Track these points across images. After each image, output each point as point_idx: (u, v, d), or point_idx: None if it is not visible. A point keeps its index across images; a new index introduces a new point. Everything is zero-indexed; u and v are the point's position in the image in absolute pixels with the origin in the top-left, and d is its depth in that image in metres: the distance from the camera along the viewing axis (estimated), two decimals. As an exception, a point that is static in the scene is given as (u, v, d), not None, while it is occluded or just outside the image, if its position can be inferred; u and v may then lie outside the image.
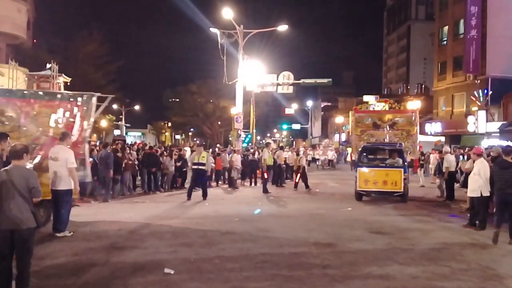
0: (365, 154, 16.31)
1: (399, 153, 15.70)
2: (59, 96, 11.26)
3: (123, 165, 15.91)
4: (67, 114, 10.28)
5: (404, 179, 14.70)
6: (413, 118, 18.05)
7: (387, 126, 17.80)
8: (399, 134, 17.56)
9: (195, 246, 8.34)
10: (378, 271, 6.92)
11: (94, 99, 10.63)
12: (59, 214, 8.99)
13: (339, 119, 65.04)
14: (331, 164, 40.57)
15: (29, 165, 6.01)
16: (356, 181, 15.34)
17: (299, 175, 19.88)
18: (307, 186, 19.47)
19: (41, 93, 11.83)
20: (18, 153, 5.69)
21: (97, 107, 11.04)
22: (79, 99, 10.53)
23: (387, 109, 18.37)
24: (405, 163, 15.32)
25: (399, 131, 17.67)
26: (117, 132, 59.16)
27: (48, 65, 23.15)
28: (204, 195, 15.36)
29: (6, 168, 5.65)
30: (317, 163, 40.79)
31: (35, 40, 32.43)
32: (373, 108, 18.83)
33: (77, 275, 6.48)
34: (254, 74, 27.09)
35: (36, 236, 8.42)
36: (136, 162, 17.07)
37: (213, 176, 21.10)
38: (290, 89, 29.32)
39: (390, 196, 15.34)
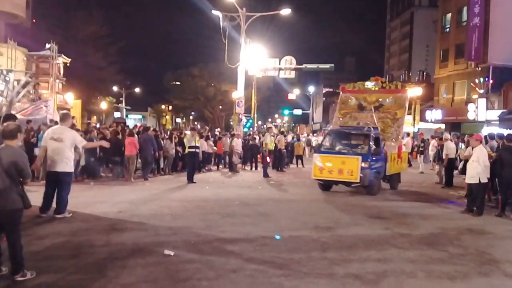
0: (328, 139, 15.00)
1: (366, 139, 13.80)
2: None
3: (123, 148, 15.87)
4: None
5: (365, 168, 12.81)
6: (404, 99, 15.55)
7: (372, 108, 15.41)
8: (384, 118, 15.13)
9: (195, 229, 8.34)
10: (376, 255, 6.94)
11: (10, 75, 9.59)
12: (60, 196, 8.90)
13: (340, 105, 64.71)
14: None
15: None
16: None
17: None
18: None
19: None
20: (12, 132, 5.58)
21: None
22: None
23: (377, 88, 15.96)
24: (371, 150, 13.25)
25: (384, 113, 15.22)
26: (117, 114, 58.93)
27: (47, 45, 22.85)
28: (192, 177, 15.37)
29: None
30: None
31: (34, 20, 32.05)
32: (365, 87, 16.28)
33: (76, 256, 6.47)
34: (256, 58, 26.92)
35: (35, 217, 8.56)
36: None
37: (214, 160, 21.16)
38: (292, 74, 29.20)
39: (348, 186, 13.66)
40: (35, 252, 6.48)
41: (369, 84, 16.05)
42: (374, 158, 13.25)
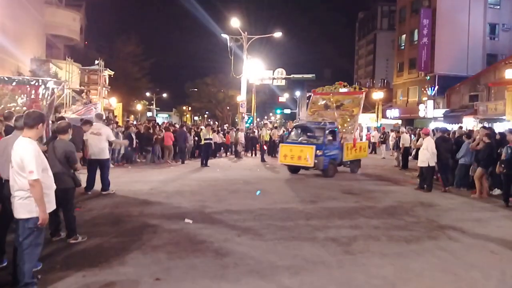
0: (293, 132, 14.33)
1: (322, 131, 13.13)
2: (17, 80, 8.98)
3: (154, 139, 15.79)
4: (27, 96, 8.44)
5: (319, 155, 12.35)
6: (360, 99, 14.77)
7: (335, 107, 14.86)
8: (344, 114, 14.53)
9: (208, 202, 8.28)
10: (349, 223, 6.89)
11: (50, 84, 8.73)
12: (104, 177, 8.83)
13: (320, 106, 64.77)
14: None
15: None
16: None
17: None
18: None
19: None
20: (64, 128, 5.53)
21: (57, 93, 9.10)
22: (36, 83, 8.64)
23: (340, 91, 15.37)
24: (325, 141, 12.67)
25: (344, 111, 14.59)
26: (149, 114, 58.88)
27: (96, 62, 23.00)
28: (207, 162, 15.31)
29: (53, 140, 5.53)
30: None
31: (86, 42, 32.01)
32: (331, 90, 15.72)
33: (117, 224, 6.44)
34: (255, 70, 26.84)
35: (88, 194, 8.49)
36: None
37: (223, 149, 21.04)
38: (283, 82, 29.27)
39: (306, 170, 13.30)
40: (86, 221, 6.45)
41: (336, 87, 15.55)
42: (328, 147, 12.72)
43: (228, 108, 59.65)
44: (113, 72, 24.26)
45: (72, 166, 5.44)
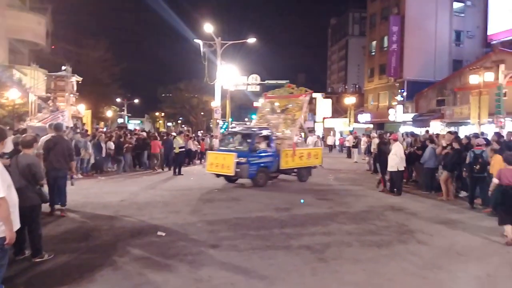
0: (225, 139, 13.33)
1: (248, 138, 12.17)
2: None
3: (124, 148, 15.49)
4: None
5: (242, 163, 11.46)
6: (303, 102, 13.79)
7: (279, 111, 14.07)
8: (287, 119, 13.59)
9: (182, 213, 8.18)
10: (322, 229, 6.97)
11: None
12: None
13: (294, 110, 65.53)
14: None
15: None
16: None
17: None
18: None
19: None
20: (29, 143, 5.40)
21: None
22: None
23: (288, 94, 14.51)
24: (251, 147, 11.73)
25: (288, 115, 13.69)
26: (120, 120, 57.70)
27: (63, 67, 22.37)
28: (180, 171, 15.05)
29: (17, 155, 5.37)
30: None
31: (53, 47, 31.13)
32: (280, 93, 14.92)
33: (87, 239, 6.24)
34: (229, 76, 26.83)
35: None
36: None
37: (198, 156, 20.87)
38: (257, 88, 29.32)
39: (232, 179, 12.48)
40: (53, 236, 6.23)
41: (286, 90, 14.67)
42: (256, 154, 11.81)
43: (202, 113, 59.39)
44: (81, 78, 23.65)
45: (37, 182, 5.27)
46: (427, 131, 15.59)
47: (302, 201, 9.65)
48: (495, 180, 6.58)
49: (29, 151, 5.36)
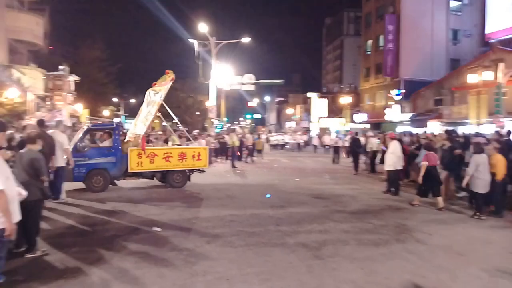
0: (87, 136, 10.40)
1: (109, 135, 10.55)
2: None
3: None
4: None
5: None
6: (160, 92, 10.94)
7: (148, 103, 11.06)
8: (150, 113, 10.77)
9: (177, 209, 8.20)
10: (318, 227, 6.97)
11: None
12: (56, 185, 8.25)
13: (289, 110, 65.54)
14: (299, 147, 33.31)
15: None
16: None
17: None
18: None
19: None
20: (34, 138, 5.44)
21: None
22: None
23: (163, 82, 11.38)
24: (77, 145, 9.83)
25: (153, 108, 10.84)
26: (116, 119, 57.70)
27: (61, 67, 22.42)
28: None
29: (21, 151, 5.39)
30: (287, 146, 34.88)
31: (51, 47, 31.21)
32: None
33: (84, 234, 6.27)
34: (224, 75, 26.81)
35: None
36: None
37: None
38: (252, 87, 29.29)
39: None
40: (50, 231, 6.27)
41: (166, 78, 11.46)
42: (84, 154, 9.92)
43: (197, 113, 59.30)
44: (79, 78, 23.66)
45: (39, 177, 5.27)
46: (424, 132, 15.61)
47: (268, 195, 9.89)
48: (424, 163, 8.67)
49: (33, 146, 5.39)
